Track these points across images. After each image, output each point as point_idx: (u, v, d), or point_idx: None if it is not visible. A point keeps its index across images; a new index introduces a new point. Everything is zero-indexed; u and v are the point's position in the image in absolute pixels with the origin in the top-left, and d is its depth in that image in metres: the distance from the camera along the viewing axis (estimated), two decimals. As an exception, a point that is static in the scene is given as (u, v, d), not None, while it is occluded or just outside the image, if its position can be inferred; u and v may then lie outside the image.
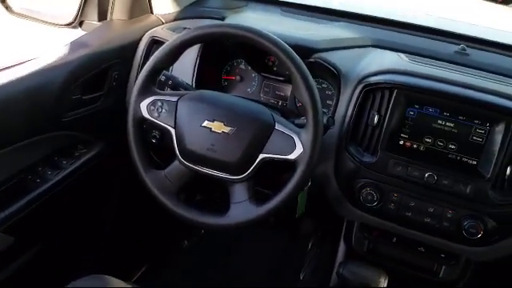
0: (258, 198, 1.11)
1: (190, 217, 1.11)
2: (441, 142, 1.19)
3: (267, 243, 2.01)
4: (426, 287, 1.48)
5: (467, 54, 1.40)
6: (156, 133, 1.35)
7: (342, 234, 1.41)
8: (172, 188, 1.13)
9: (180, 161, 1.12)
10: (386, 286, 1.14)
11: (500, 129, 1.13)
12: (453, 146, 1.19)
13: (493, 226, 1.16)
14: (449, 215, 1.18)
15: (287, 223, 1.96)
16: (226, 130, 1.07)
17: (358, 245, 1.36)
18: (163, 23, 1.54)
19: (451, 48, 1.42)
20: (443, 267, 1.31)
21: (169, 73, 1.28)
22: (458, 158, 1.19)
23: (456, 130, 1.18)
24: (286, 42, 1.07)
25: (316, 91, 1.06)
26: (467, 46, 1.42)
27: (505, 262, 1.24)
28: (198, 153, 1.09)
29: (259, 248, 2.02)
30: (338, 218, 1.42)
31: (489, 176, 1.14)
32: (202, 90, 1.17)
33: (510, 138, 1.12)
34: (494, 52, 1.47)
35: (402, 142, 1.22)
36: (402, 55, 1.35)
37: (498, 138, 1.13)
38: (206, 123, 1.08)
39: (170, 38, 1.14)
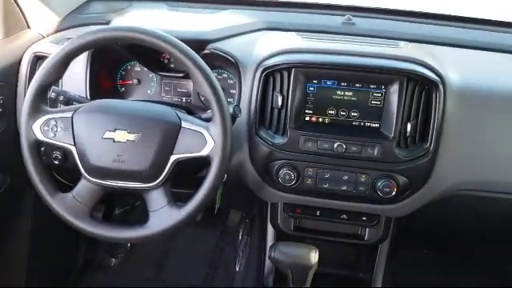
0: (179, 200, 1.08)
1: (108, 235, 1.06)
2: (343, 111, 1.23)
3: (198, 243, 1.99)
4: (355, 252, 1.54)
5: (353, 24, 1.46)
6: (57, 153, 1.27)
7: (268, 217, 1.42)
8: (84, 209, 1.07)
9: (87, 179, 1.06)
10: (317, 259, 1.17)
11: (395, 89, 1.19)
12: (355, 114, 1.23)
13: (404, 181, 1.22)
14: (363, 179, 1.23)
15: (214, 218, 1.95)
16: (131, 137, 1.03)
17: (284, 225, 1.38)
18: (44, 37, 1.44)
19: (338, 20, 1.47)
20: (367, 229, 1.36)
21: (58, 88, 1.20)
22: (362, 123, 1.24)
23: (355, 98, 1.22)
24: (176, 37, 1.04)
25: (216, 82, 1.05)
26: (353, 16, 1.48)
27: (421, 215, 1.32)
28: (104, 167, 1.04)
29: (191, 250, 1.99)
30: (262, 202, 1.43)
31: (392, 136, 1.19)
32: (97, 100, 1.11)
33: (405, 96, 1.19)
34: (377, 18, 1.54)
35: (308, 118, 1.25)
36: (294, 34, 1.37)
37: (394, 98, 1.19)
38: (107, 134, 1.03)
39: (55, 51, 1.07)
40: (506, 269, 1.93)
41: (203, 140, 1.04)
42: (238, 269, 1.80)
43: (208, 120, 1.07)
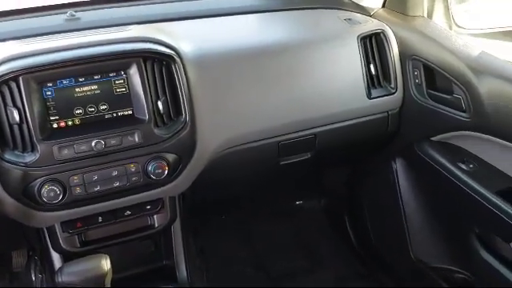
0: None
1: None
2: (91, 107, 1.17)
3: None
4: (153, 243, 1.51)
5: (78, 18, 1.38)
6: None
7: (49, 243, 1.28)
8: None
9: None
10: (109, 266, 1.09)
11: (134, 71, 1.17)
12: (105, 107, 1.18)
13: (174, 158, 1.22)
14: (133, 169, 1.19)
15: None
16: None
17: (68, 245, 1.26)
18: None
19: (61, 18, 1.38)
20: (155, 216, 1.33)
21: None
22: (114, 114, 1.19)
23: (99, 91, 1.17)
24: None
25: None
26: (76, 11, 1.40)
27: (201, 184, 1.35)
28: None
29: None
30: (38, 230, 1.29)
31: (147, 118, 1.18)
32: None
33: (147, 76, 1.18)
34: (104, 8, 1.50)
35: (55, 125, 1.15)
36: (13, 42, 1.23)
37: (137, 80, 1.17)
38: None
39: None
40: (294, 205, 2.16)
41: None
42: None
43: None
